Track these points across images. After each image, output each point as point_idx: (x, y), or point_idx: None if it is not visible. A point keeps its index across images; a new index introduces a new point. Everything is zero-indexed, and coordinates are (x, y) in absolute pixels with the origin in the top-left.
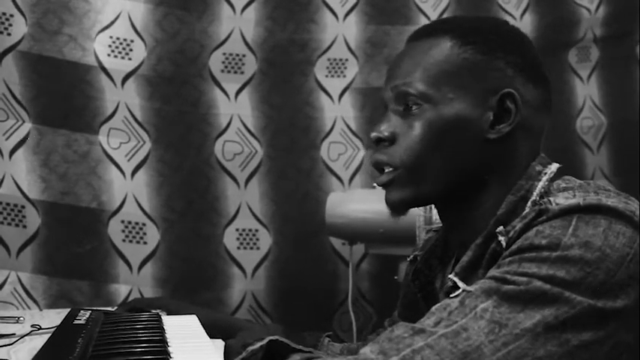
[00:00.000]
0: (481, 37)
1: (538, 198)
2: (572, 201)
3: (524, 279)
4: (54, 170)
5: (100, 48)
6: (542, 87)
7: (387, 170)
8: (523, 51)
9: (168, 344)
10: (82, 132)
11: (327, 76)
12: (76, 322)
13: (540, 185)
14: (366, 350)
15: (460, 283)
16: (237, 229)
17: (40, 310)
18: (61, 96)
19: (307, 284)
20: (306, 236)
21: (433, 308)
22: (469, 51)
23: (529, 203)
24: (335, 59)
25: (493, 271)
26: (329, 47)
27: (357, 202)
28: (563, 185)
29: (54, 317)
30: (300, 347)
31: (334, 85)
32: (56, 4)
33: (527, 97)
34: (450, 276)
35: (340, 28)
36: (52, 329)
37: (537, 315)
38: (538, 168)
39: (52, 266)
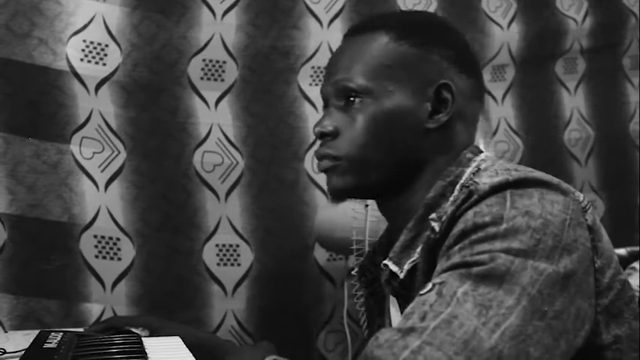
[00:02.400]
0: (415, 31)
1: (466, 182)
2: (500, 178)
3: (486, 256)
4: (21, 181)
5: (72, 52)
6: (474, 77)
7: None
8: (455, 43)
9: None
10: (53, 141)
11: (311, 84)
12: (46, 345)
13: (469, 171)
14: None
15: (393, 267)
16: (217, 245)
17: (5, 332)
18: (30, 103)
19: (291, 302)
20: (289, 252)
21: (409, 307)
22: (404, 45)
23: (457, 187)
24: (319, 67)
25: (447, 262)
26: (313, 55)
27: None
28: (487, 165)
29: (20, 340)
30: None
31: (318, 93)
32: (26, 6)
33: (461, 87)
34: (385, 262)
35: (325, 35)
36: (19, 353)
37: (516, 288)
38: (468, 155)
39: (19, 285)
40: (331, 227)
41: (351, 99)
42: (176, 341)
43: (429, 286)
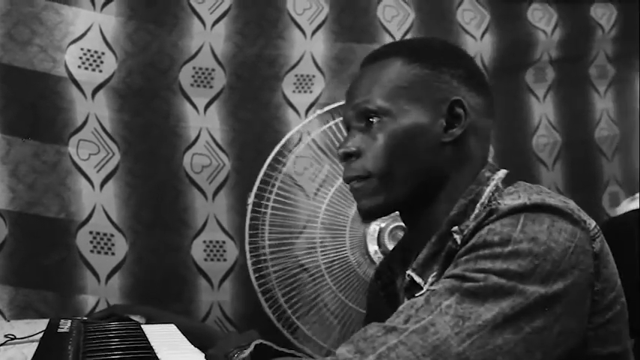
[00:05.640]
0: (427, 54)
1: (487, 201)
2: (519, 201)
3: (482, 275)
4: (22, 180)
5: (70, 59)
6: (485, 94)
7: (357, 181)
8: (464, 64)
9: (156, 353)
10: (52, 143)
11: (294, 91)
12: (60, 330)
13: (488, 189)
14: (342, 350)
15: (417, 278)
16: (204, 241)
17: (8, 321)
18: (31, 107)
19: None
20: None
21: (401, 307)
22: (417, 67)
23: (478, 205)
24: (302, 75)
25: (452, 270)
26: (297, 63)
27: None
28: (512, 189)
29: (24, 328)
30: (283, 350)
31: (301, 100)
32: (27, 15)
33: (473, 104)
34: (408, 272)
35: (308, 45)
36: (28, 339)
37: (496, 307)
38: (487, 174)
39: (19, 277)
40: None
41: (371, 120)
42: (171, 328)
43: (424, 290)
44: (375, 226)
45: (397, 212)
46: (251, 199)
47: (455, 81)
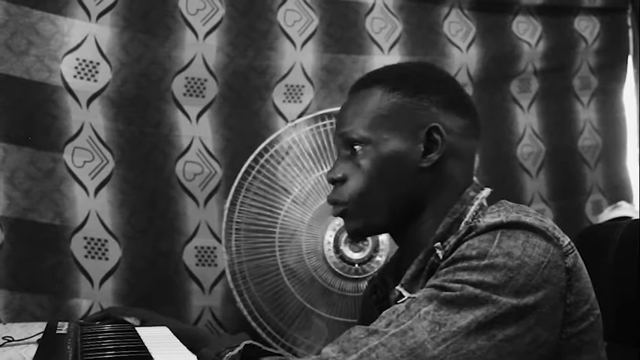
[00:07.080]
0: (405, 82)
1: (470, 219)
2: (497, 219)
3: (459, 285)
4: (18, 187)
5: (66, 69)
6: (468, 116)
7: (338, 205)
8: (445, 88)
9: (151, 353)
10: (47, 150)
11: (284, 101)
12: (58, 331)
13: (472, 209)
14: (327, 350)
15: (405, 293)
16: (196, 247)
17: (4, 324)
18: (27, 115)
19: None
20: None
21: (384, 313)
22: (397, 96)
23: (462, 223)
24: (292, 85)
25: (433, 280)
26: (287, 74)
27: None
28: (495, 208)
29: (20, 331)
30: (272, 350)
31: (291, 110)
32: (24, 26)
33: (452, 127)
34: (397, 287)
35: (298, 56)
36: (25, 340)
37: (470, 315)
38: (471, 194)
39: (15, 281)
40: None
41: (355, 148)
42: (165, 330)
43: (406, 297)
44: (331, 232)
45: None
46: (227, 204)
47: (434, 107)
